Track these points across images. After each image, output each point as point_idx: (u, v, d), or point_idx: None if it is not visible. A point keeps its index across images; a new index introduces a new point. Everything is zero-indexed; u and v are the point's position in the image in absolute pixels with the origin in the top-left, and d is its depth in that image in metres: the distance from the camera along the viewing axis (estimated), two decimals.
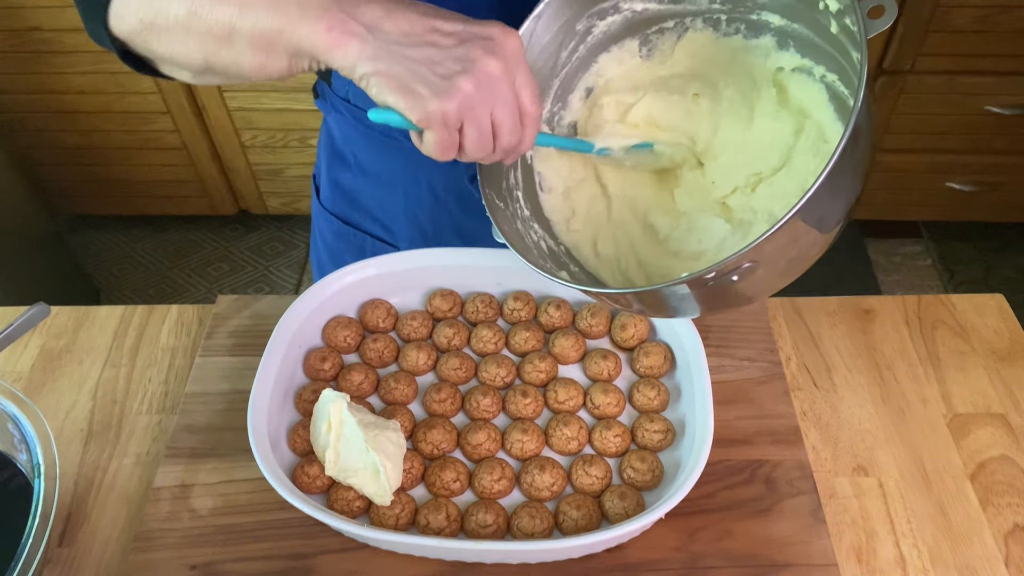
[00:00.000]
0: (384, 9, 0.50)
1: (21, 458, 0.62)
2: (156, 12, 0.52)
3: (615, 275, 0.70)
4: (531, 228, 0.70)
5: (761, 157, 0.66)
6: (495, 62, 0.50)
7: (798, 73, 0.64)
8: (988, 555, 0.64)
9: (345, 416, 0.61)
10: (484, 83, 0.50)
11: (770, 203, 0.65)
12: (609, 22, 0.67)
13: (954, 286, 2.02)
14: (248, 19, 0.50)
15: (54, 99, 1.88)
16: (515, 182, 0.70)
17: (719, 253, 0.65)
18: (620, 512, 0.60)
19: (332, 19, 0.49)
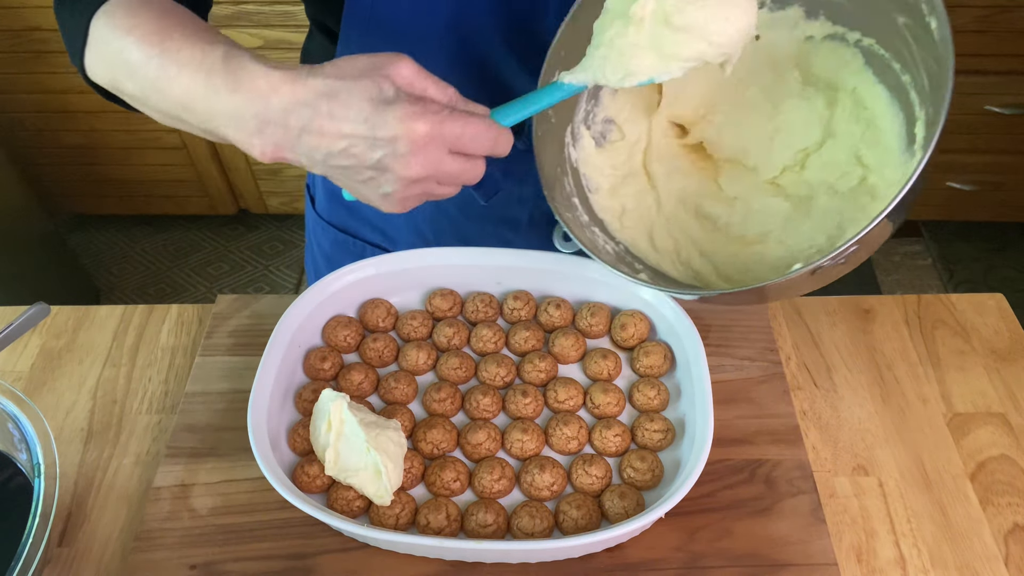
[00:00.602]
0: (297, 123, 0.50)
1: (21, 458, 0.62)
2: (115, 83, 0.57)
3: (677, 267, 0.70)
4: (594, 233, 0.70)
5: (801, 135, 0.67)
6: (413, 164, 0.51)
7: (830, 40, 0.64)
8: (988, 555, 0.64)
9: (346, 416, 0.61)
10: (410, 185, 0.52)
11: (824, 174, 0.65)
12: None
13: (954, 286, 2.02)
14: (191, 117, 0.54)
15: (54, 99, 1.88)
16: (570, 189, 0.70)
17: (786, 232, 0.66)
18: (620, 512, 0.60)
19: (262, 144, 0.51)
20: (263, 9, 1.70)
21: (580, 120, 0.71)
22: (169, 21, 0.55)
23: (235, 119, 0.51)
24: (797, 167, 0.67)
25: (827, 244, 0.64)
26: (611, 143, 0.73)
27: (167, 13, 0.56)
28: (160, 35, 0.54)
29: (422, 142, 0.50)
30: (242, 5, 1.69)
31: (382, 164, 0.51)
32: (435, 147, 0.51)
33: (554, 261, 0.74)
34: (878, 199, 0.61)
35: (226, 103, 0.51)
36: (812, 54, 0.65)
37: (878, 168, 0.62)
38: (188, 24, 0.55)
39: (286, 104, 0.50)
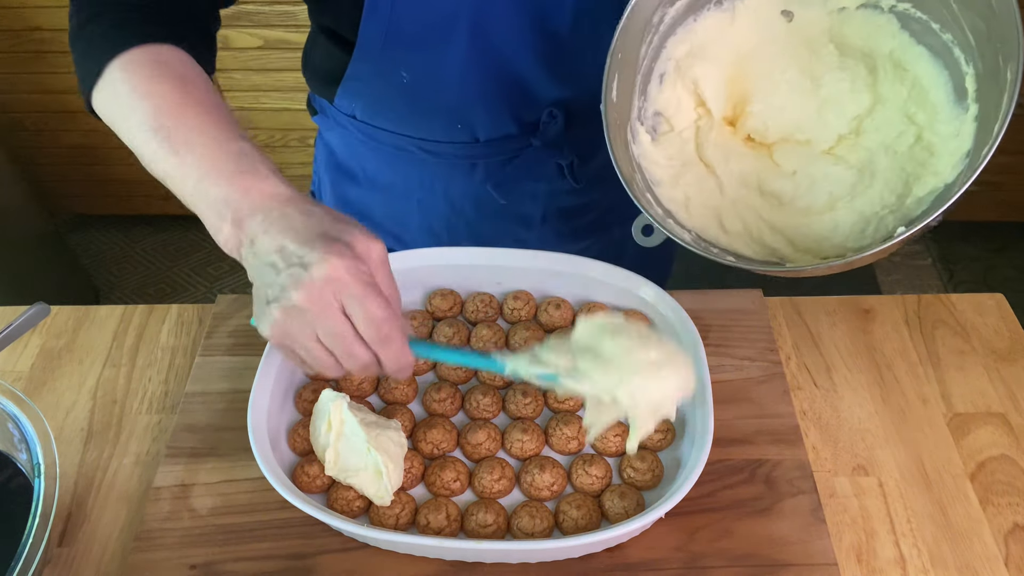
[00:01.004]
0: (263, 222, 0.52)
1: (21, 458, 0.62)
2: (115, 130, 0.59)
3: (752, 246, 0.71)
4: (671, 225, 0.70)
5: (850, 103, 0.68)
6: (299, 293, 0.50)
7: (863, 9, 0.65)
8: (988, 555, 0.64)
9: (346, 416, 0.61)
10: (291, 317, 0.51)
11: (879, 137, 0.67)
12: (677, 7, 0.68)
13: (954, 286, 2.02)
14: (173, 186, 0.57)
15: (54, 99, 1.88)
16: (643, 184, 0.71)
17: (854, 199, 0.67)
18: (620, 512, 0.60)
19: (227, 235, 0.53)
20: (263, 9, 1.70)
21: (635, 117, 0.72)
22: (190, 98, 0.56)
23: (218, 207, 0.53)
24: (852, 134, 0.69)
25: (897, 203, 0.65)
26: (663, 135, 0.73)
27: (187, 85, 0.57)
28: (178, 111, 0.56)
29: (325, 277, 0.50)
30: (242, 5, 1.69)
31: (282, 279, 0.51)
32: (330, 290, 0.50)
33: (554, 261, 0.74)
34: (936, 154, 0.63)
35: (219, 192, 0.53)
36: (846, 25, 0.67)
37: (930, 125, 0.64)
38: (207, 103, 0.57)
39: (269, 206, 0.52)
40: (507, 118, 0.76)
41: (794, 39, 0.70)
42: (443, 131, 0.78)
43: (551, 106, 0.75)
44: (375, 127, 0.80)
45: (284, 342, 0.54)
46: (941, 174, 0.62)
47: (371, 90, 0.76)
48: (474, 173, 0.81)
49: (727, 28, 0.70)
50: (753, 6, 0.69)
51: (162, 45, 0.59)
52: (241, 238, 0.53)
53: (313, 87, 0.83)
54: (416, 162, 0.81)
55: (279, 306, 0.51)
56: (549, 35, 0.70)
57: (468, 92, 0.74)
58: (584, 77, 0.72)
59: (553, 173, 0.81)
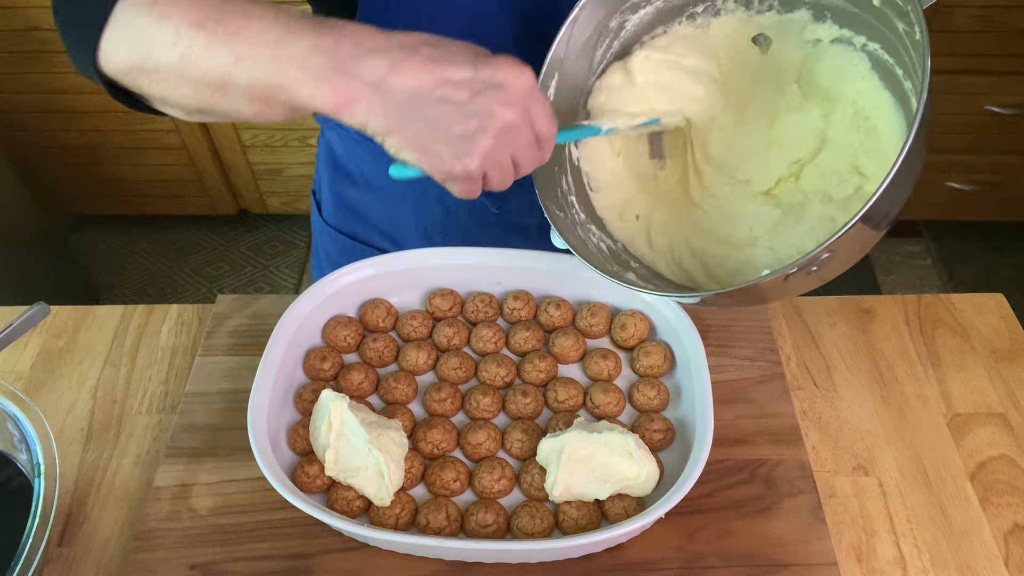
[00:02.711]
0: (390, 61, 0.47)
1: (21, 458, 0.62)
2: (146, 55, 0.49)
3: (671, 266, 0.71)
4: (590, 232, 0.71)
5: (794, 146, 0.67)
6: (510, 112, 0.49)
7: (836, 44, 0.64)
8: (988, 555, 0.64)
9: (347, 416, 0.61)
10: (503, 135, 0.50)
11: (820, 183, 0.66)
12: (641, 15, 0.68)
13: (954, 286, 2.02)
14: (244, 71, 0.47)
15: (54, 99, 1.88)
16: (568, 187, 0.71)
17: (775, 238, 0.67)
18: (620, 512, 0.60)
19: (335, 84, 0.46)
20: None
21: (583, 119, 0.71)
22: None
23: (309, 59, 0.46)
24: (792, 178, 0.67)
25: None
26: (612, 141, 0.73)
27: None
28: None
29: (525, 90, 0.50)
30: None
31: (476, 102, 0.48)
32: (531, 101, 0.51)
33: (554, 261, 0.74)
34: None
35: (304, 42, 0.46)
36: (819, 58, 0.65)
37: (876, 177, 0.62)
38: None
39: (382, 46, 0.47)
40: None
41: (764, 70, 0.69)
42: None
43: None
44: None
45: (487, 166, 0.51)
46: None
47: None
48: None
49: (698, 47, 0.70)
50: (728, 29, 0.68)
51: None
52: (353, 84, 0.47)
53: None
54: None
55: (491, 133, 0.49)
56: (544, 41, 0.70)
57: None
58: None
59: None
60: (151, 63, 0.49)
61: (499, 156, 0.51)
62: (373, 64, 0.47)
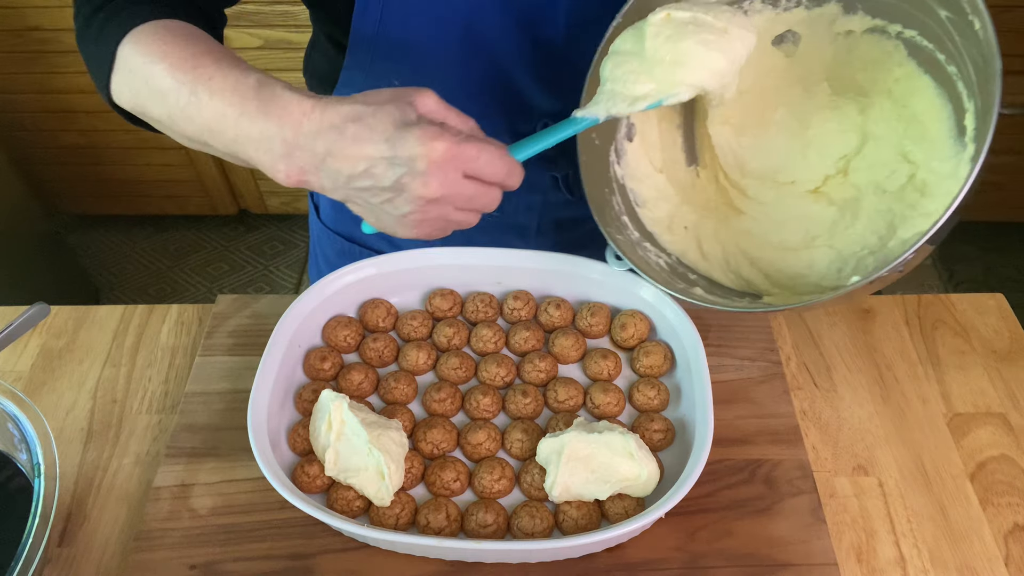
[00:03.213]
0: (324, 147, 0.52)
1: (21, 458, 0.62)
2: (142, 109, 0.59)
3: (728, 275, 0.71)
4: (646, 249, 0.71)
5: (836, 143, 0.67)
6: (430, 188, 0.52)
7: (869, 34, 0.64)
8: (988, 555, 0.64)
9: (347, 416, 0.61)
10: (431, 207, 0.54)
11: (870, 176, 0.66)
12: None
13: (954, 286, 2.02)
14: (217, 142, 0.56)
15: (54, 99, 1.88)
16: (619, 208, 0.71)
17: (835, 236, 0.67)
18: (620, 512, 0.60)
19: (288, 168, 0.53)
20: (263, 9, 1.70)
21: (623, 136, 0.72)
22: (198, 48, 0.57)
23: (264, 143, 0.53)
24: (840, 174, 0.67)
25: (878, 244, 0.64)
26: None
27: (193, 39, 0.58)
28: (192, 62, 0.56)
29: (440, 161, 0.52)
30: (242, 5, 1.69)
31: (400, 184, 0.52)
32: (452, 168, 0.52)
33: (554, 261, 0.74)
34: (928, 194, 0.61)
35: (257, 127, 0.53)
36: (852, 50, 0.65)
37: (926, 162, 0.62)
38: (216, 52, 0.57)
39: (315, 128, 0.52)
40: (500, 128, 0.76)
41: (790, 74, 0.68)
42: None
43: (545, 117, 0.75)
44: None
45: (430, 231, 0.57)
46: (932, 215, 0.59)
47: None
48: None
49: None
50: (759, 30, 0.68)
51: (167, 20, 0.60)
52: (303, 166, 0.53)
53: (312, 88, 0.83)
54: None
55: (414, 212, 0.54)
56: (542, 44, 0.70)
57: (460, 101, 0.74)
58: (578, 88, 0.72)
59: (548, 185, 0.81)
60: (147, 114, 0.59)
61: (439, 219, 0.56)
62: (311, 150, 0.53)
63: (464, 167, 0.53)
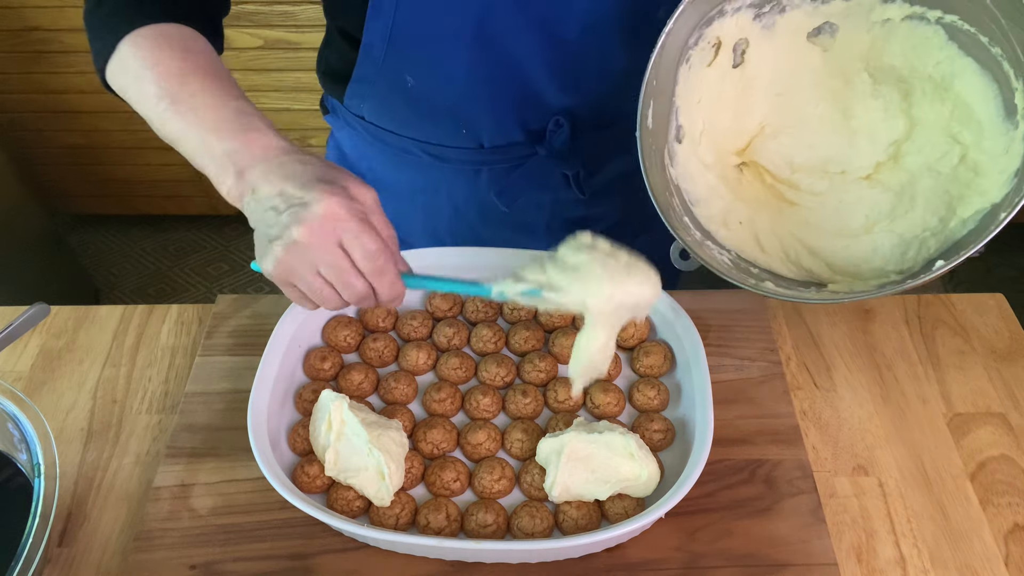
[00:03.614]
0: (263, 172, 0.56)
1: (21, 458, 0.62)
2: (127, 99, 0.64)
3: (788, 266, 0.71)
4: (709, 248, 0.71)
5: (884, 129, 0.68)
6: (302, 231, 0.53)
7: (908, 21, 0.64)
8: (988, 555, 0.64)
9: (347, 416, 0.61)
10: (292, 249, 0.54)
11: (921, 159, 0.66)
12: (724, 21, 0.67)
13: (954, 286, 2.02)
14: (183, 146, 0.60)
15: (54, 99, 1.88)
16: (680, 209, 0.71)
17: (893, 221, 0.67)
18: (620, 512, 0.60)
19: (230, 185, 0.57)
20: (263, 9, 1.70)
21: (673, 138, 0.72)
22: (191, 64, 0.61)
23: (223, 160, 0.57)
24: (891, 160, 0.68)
25: (940, 225, 0.65)
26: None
27: (189, 54, 0.62)
28: (180, 77, 0.60)
29: (324, 215, 0.54)
30: (242, 5, 1.69)
31: (283, 218, 0.54)
32: (330, 227, 0.54)
33: None
34: (982, 174, 0.62)
35: (223, 146, 0.57)
36: (890, 37, 0.66)
37: (976, 142, 0.63)
38: (208, 70, 0.61)
39: (269, 158, 0.56)
40: (512, 125, 0.76)
41: (829, 68, 0.69)
42: (447, 135, 0.78)
43: (557, 114, 0.75)
44: (381, 128, 0.80)
45: (286, 278, 0.57)
46: (988, 194, 0.61)
47: (377, 92, 0.76)
48: (478, 179, 0.81)
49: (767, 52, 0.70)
50: (794, 25, 0.68)
51: (169, 24, 0.63)
52: (243, 188, 0.56)
53: (325, 86, 0.83)
54: (421, 165, 0.81)
55: (282, 243, 0.54)
56: (556, 42, 0.70)
57: (473, 97, 0.74)
58: (591, 86, 0.72)
59: (559, 183, 0.81)
60: (131, 105, 0.63)
61: (296, 271, 0.56)
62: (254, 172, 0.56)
63: (343, 237, 0.55)
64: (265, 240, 0.56)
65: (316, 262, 0.55)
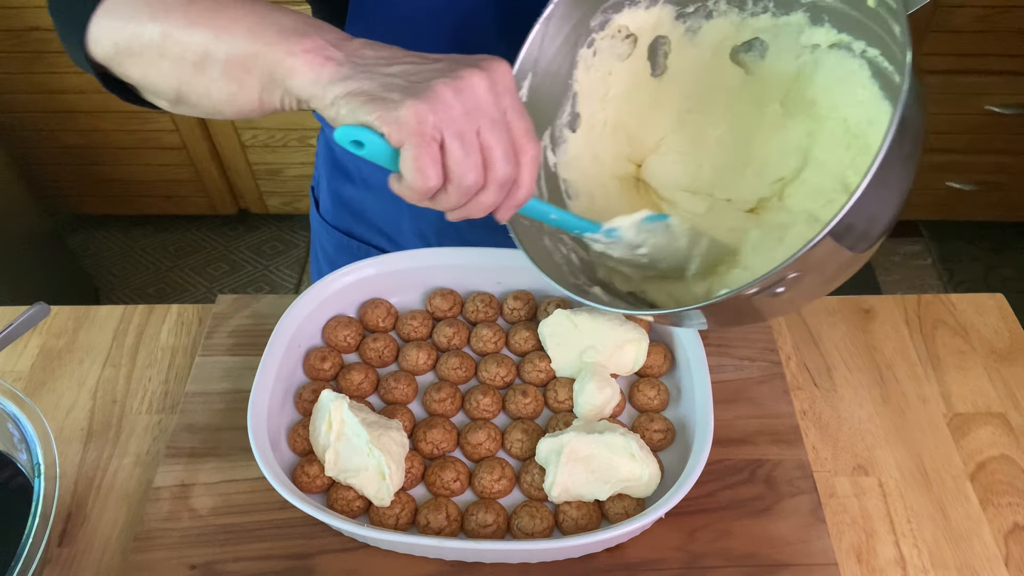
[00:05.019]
0: (367, 44, 0.48)
1: (21, 458, 0.62)
2: (131, 36, 0.51)
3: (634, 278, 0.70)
4: (560, 241, 0.69)
5: (775, 165, 0.64)
6: (479, 76, 0.45)
7: (836, 51, 0.60)
8: (988, 555, 0.64)
9: (347, 416, 0.61)
10: (466, 93, 0.45)
11: (806, 202, 0.63)
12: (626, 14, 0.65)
13: (954, 286, 2.02)
14: (223, 43, 0.48)
15: (54, 99, 1.88)
16: (540, 193, 0.69)
17: (753, 258, 0.64)
18: (620, 512, 0.60)
19: (311, 42, 0.46)
20: None
21: (564, 123, 0.69)
22: None
23: (289, 28, 0.47)
24: (775, 197, 0.65)
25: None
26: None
27: None
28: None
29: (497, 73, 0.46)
30: None
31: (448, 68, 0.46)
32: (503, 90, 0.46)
33: None
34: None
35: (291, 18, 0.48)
36: (817, 66, 0.62)
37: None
38: None
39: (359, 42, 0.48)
40: None
41: (747, 91, 0.66)
42: None
43: None
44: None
45: (444, 124, 0.45)
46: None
47: None
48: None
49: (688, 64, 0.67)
50: (720, 34, 0.65)
51: None
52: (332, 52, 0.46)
53: None
54: None
55: (450, 83, 0.44)
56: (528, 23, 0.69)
57: None
58: None
59: None
60: (135, 44, 0.50)
61: (460, 119, 0.45)
62: (352, 42, 0.47)
63: (509, 107, 0.46)
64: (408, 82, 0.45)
65: (482, 117, 0.45)
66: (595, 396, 0.65)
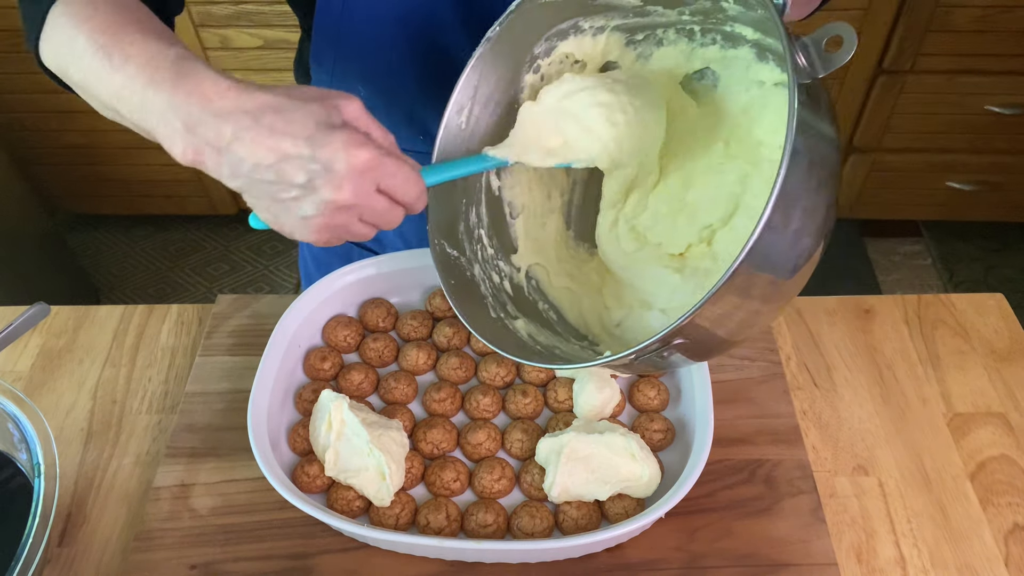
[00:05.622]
0: (232, 130, 0.49)
1: (21, 458, 0.62)
2: (63, 70, 0.57)
3: (573, 309, 0.70)
4: (494, 269, 0.68)
5: (705, 211, 0.63)
6: (343, 194, 0.50)
7: (782, 88, 0.59)
8: (988, 555, 0.64)
9: (347, 416, 0.61)
10: (337, 214, 0.51)
11: (733, 250, 0.59)
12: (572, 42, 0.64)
13: (954, 286, 2.02)
14: (124, 109, 0.53)
15: (54, 99, 1.88)
16: (477, 220, 0.68)
17: (671, 303, 0.64)
18: (620, 512, 0.60)
19: (186, 143, 0.50)
20: (263, 9, 1.70)
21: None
22: (127, 17, 0.55)
23: (166, 115, 0.50)
24: (704, 244, 0.64)
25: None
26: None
27: (126, 9, 0.56)
28: (114, 28, 0.54)
29: (360, 169, 0.50)
30: (242, 5, 1.69)
31: (312, 184, 0.50)
32: (369, 179, 0.51)
33: None
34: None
35: (163, 98, 0.50)
36: (766, 106, 0.61)
37: None
38: (146, 23, 0.55)
39: (227, 109, 0.49)
40: None
41: (701, 124, 0.65)
42: (407, 142, 0.77)
43: None
44: None
45: (328, 236, 0.53)
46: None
47: None
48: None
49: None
50: (670, 62, 0.64)
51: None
52: (201, 146, 0.50)
53: (298, 82, 0.84)
54: None
55: (321, 214, 0.51)
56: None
57: (427, 105, 0.74)
58: None
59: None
60: (68, 76, 0.57)
61: (342, 227, 0.53)
62: (217, 130, 0.49)
63: (381, 181, 0.51)
64: (285, 210, 0.51)
65: (359, 214, 0.52)
66: (595, 396, 0.65)
